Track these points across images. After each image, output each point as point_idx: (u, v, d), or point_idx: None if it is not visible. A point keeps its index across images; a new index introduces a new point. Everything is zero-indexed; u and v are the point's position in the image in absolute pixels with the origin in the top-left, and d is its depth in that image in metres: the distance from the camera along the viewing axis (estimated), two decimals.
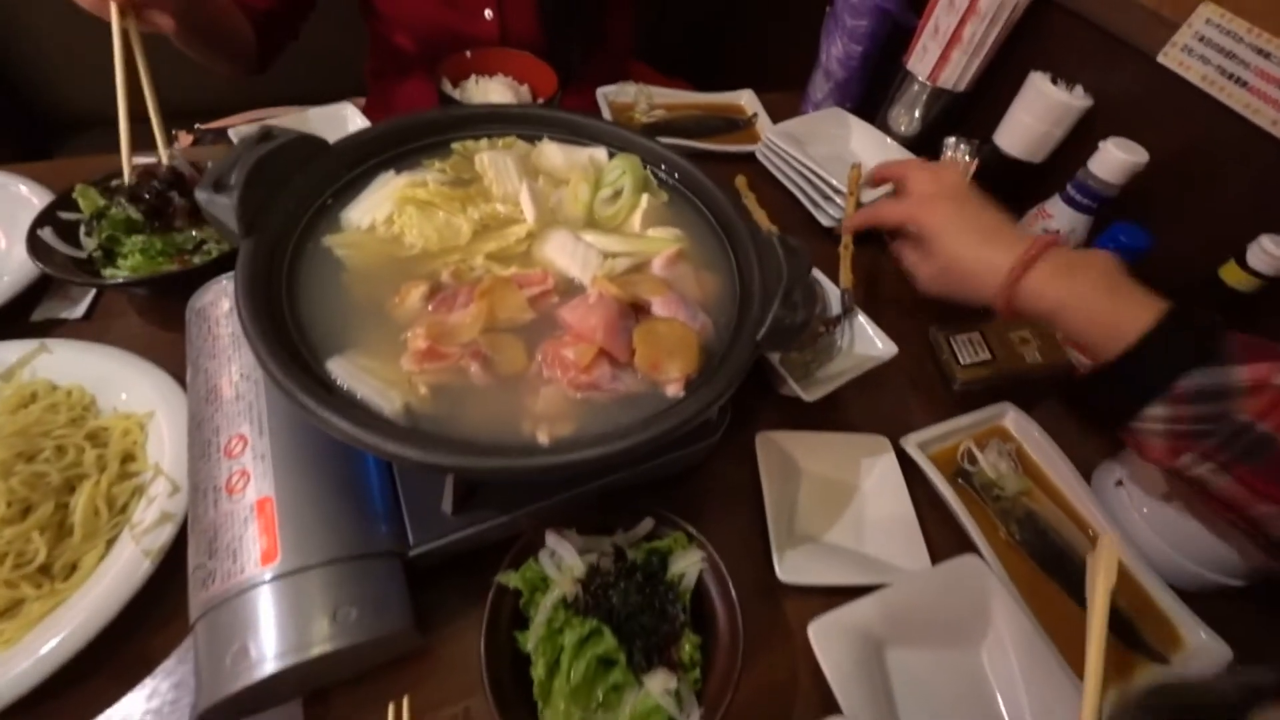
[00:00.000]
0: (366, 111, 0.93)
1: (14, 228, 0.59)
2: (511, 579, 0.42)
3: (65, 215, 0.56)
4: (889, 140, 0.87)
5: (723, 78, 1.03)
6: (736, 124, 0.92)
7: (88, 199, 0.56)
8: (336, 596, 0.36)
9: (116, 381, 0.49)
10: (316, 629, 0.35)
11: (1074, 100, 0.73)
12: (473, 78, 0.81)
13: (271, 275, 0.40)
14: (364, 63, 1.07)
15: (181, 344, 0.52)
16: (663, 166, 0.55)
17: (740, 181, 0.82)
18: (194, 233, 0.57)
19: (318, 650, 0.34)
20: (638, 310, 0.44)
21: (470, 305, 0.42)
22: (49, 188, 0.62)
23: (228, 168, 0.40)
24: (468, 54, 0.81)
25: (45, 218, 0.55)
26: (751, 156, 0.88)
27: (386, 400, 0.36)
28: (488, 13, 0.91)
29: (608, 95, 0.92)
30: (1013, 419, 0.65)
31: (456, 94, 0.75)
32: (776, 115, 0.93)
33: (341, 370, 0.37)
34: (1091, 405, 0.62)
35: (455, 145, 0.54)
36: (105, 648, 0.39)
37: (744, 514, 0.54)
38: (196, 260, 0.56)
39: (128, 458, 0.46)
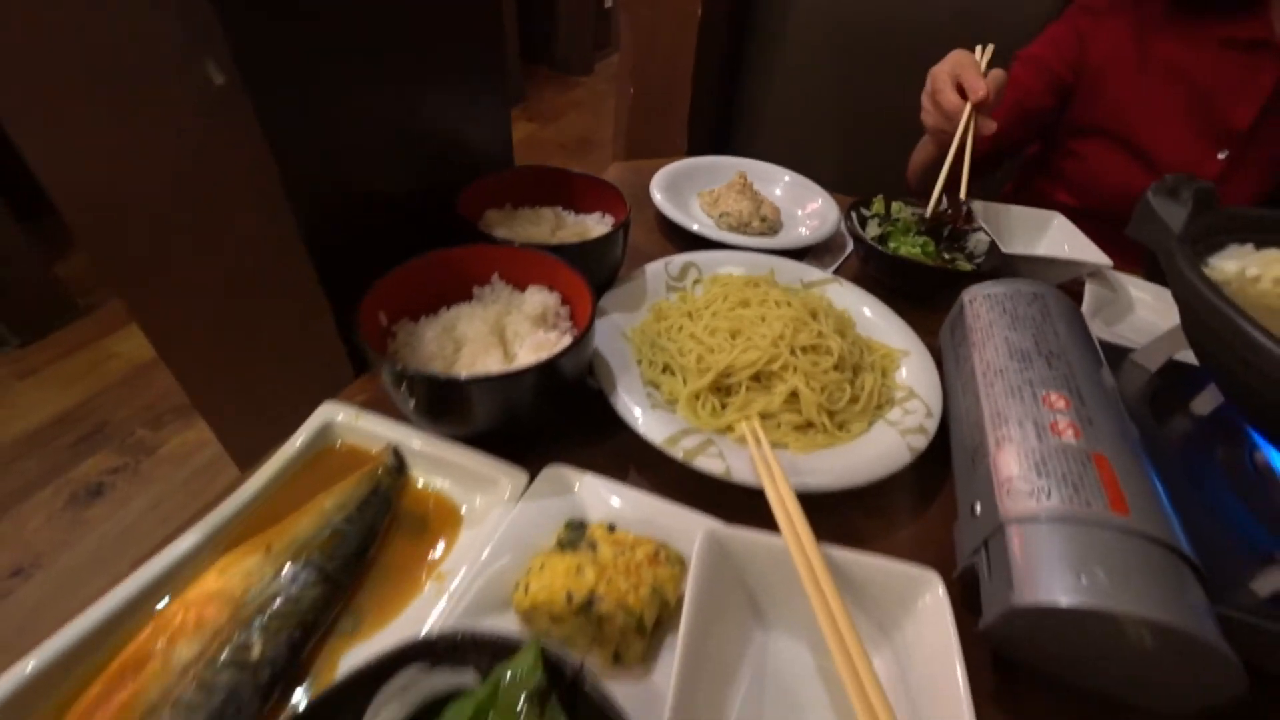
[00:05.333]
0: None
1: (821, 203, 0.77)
2: None
3: (864, 211, 0.69)
4: None
5: None
6: None
7: (879, 205, 0.69)
8: (1182, 582, 0.30)
9: (882, 325, 0.56)
10: (1161, 599, 0.29)
11: None
12: None
13: None
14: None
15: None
16: None
17: None
18: (946, 255, 0.64)
19: (1159, 617, 0.28)
20: None
21: None
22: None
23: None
24: None
25: (854, 207, 0.69)
26: None
27: None
28: (1222, 154, 0.83)
29: None
30: None
31: None
32: None
33: None
34: None
35: None
36: None
37: None
38: (950, 267, 0.62)
39: (885, 373, 0.51)
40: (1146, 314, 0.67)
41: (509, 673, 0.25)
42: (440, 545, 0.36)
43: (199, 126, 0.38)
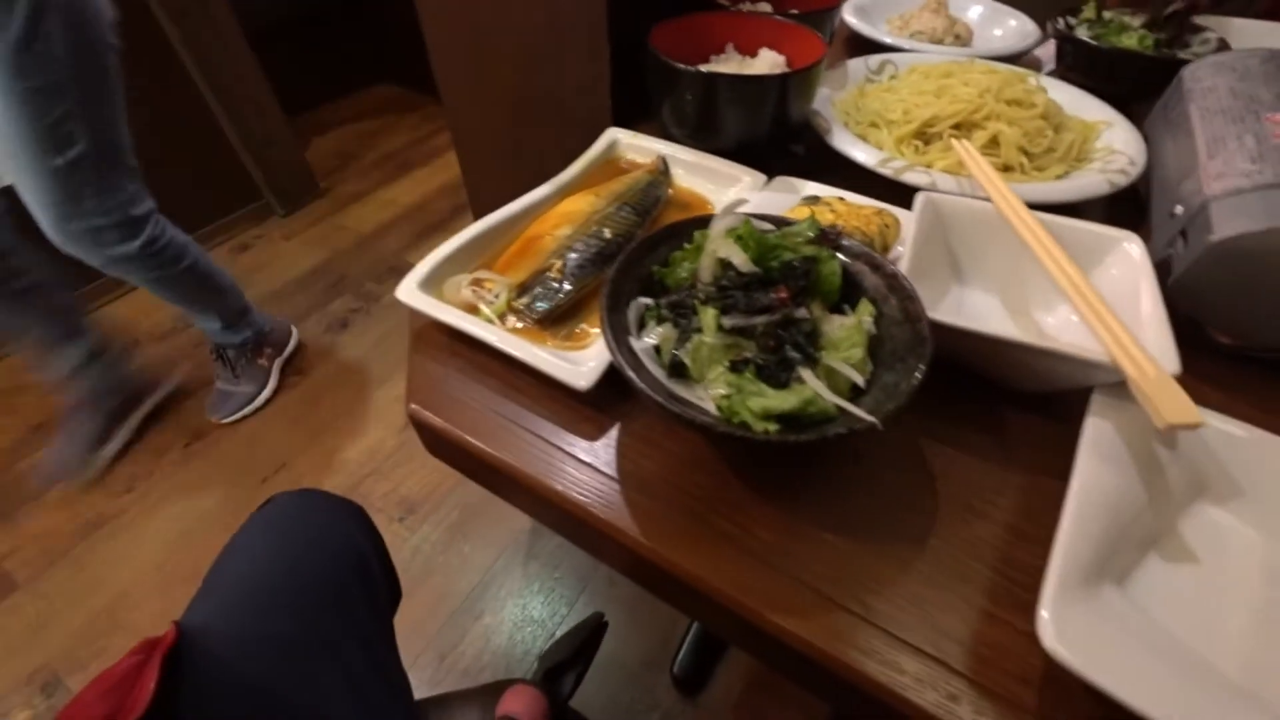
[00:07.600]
0: None
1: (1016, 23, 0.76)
2: None
3: (1071, 19, 0.68)
4: None
5: None
6: None
7: (1090, 10, 0.67)
8: None
9: (1081, 104, 0.58)
10: None
11: None
12: None
13: None
14: None
15: None
16: None
17: None
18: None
19: None
20: None
21: None
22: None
23: None
24: None
25: (1062, 14, 0.68)
26: None
27: None
28: None
29: None
30: None
31: None
32: None
33: None
34: None
35: None
36: None
37: None
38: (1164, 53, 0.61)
39: (1086, 139, 0.53)
40: None
41: (793, 228, 0.35)
42: None
43: None
